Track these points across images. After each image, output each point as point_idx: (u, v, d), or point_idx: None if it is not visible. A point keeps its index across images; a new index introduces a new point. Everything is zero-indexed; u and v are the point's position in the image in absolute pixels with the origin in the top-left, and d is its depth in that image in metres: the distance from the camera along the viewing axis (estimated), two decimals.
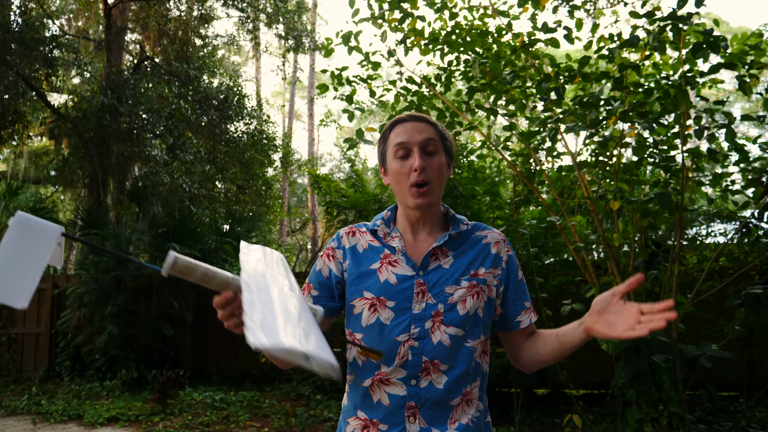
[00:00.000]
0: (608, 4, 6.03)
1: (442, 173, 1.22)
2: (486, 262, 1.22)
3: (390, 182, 1.26)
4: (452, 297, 1.17)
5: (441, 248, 1.22)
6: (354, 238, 1.28)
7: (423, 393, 1.14)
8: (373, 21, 4.10)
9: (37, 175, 12.89)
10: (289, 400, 5.60)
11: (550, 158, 4.45)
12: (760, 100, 4.59)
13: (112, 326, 6.41)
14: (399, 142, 1.21)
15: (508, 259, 1.25)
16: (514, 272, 1.26)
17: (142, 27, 10.60)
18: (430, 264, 1.20)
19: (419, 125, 1.23)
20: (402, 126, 1.23)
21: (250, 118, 10.02)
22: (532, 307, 1.28)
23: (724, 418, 4.50)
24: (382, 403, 1.16)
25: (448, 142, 1.27)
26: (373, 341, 1.17)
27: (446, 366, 1.14)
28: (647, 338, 3.50)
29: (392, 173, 1.23)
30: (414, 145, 1.20)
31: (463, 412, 1.15)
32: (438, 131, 1.25)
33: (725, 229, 5.51)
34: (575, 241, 4.02)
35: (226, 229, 8.30)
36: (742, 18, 51.72)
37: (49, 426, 5.00)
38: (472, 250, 1.23)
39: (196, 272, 0.80)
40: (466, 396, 1.16)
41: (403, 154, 1.21)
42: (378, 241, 1.26)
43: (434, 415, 1.13)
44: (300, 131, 32.87)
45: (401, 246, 1.22)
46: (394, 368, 1.15)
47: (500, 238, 1.27)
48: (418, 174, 1.18)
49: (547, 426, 4.57)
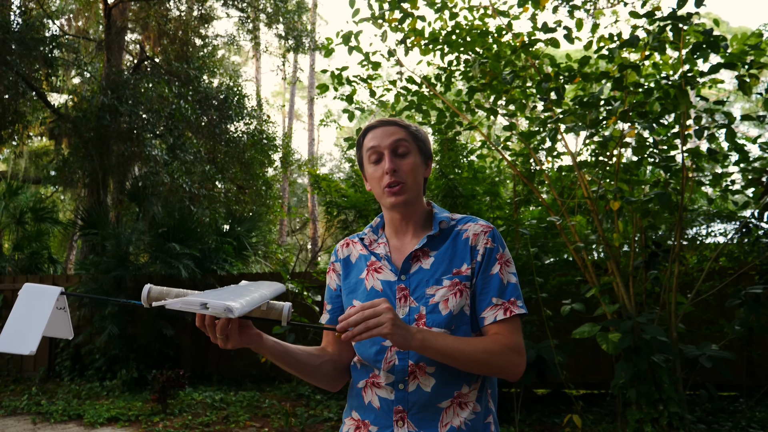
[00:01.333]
0: (608, 4, 6.03)
1: (415, 173, 1.24)
2: (467, 257, 1.20)
3: (369, 187, 1.29)
4: (433, 298, 1.16)
5: (422, 249, 1.22)
6: (347, 249, 1.33)
7: (411, 397, 1.14)
8: (373, 21, 4.10)
9: (37, 175, 12.90)
10: (289, 400, 5.60)
11: (550, 158, 4.45)
12: (760, 100, 4.59)
13: (112, 326, 6.41)
14: (370, 147, 1.25)
15: (484, 252, 1.19)
16: (487, 264, 1.19)
17: (142, 27, 10.60)
18: (411, 267, 1.21)
19: (389, 129, 1.25)
20: (373, 132, 1.26)
21: (250, 118, 10.03)
22: (503, 304, 1.16)
23: (724, 418, 4.50)
24: (373, 406, 1.18)
25: (421, 142, 1.28)
26: (365, 346, 1.21)
27: (433, 368, 1.14)
28: (647, 338, 3.51)
29: (369, 178, 1.28)
30: (384, 148, 1.23)
31: (455, 415, 1.13)
32: (410, 132, 1.26)
33: (725, 229, 5.51)
34: (575, 241, 4.02)
35: (226, 229, 8.30)
36: (742, 18, 51.76)
37: (49, 426, 5.00)
38: (454, 247, 1.22)
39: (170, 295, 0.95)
40: (458, 398, 1.14)
41: (376, 159, 1.25)
42: (366, 249, 1.30)
43: (423, 419, 1.13)
44: (300, 131, 32.91)
45: (385, 252, 1.26)
46: (383, 372, 1.17)
47: (480, 230, 1.22)
48: (390, 176, 1.21)
49: (547, 426, 4.57)
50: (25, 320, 0.85)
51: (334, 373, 1.28)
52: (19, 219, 9.80)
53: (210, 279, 7.00)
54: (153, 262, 6.81)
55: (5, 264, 8.92)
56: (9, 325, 0.84)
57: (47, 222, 10.09)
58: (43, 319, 0.85)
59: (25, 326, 0.84)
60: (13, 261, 9.27)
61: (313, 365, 1.23)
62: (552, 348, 4.08)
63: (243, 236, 8.10)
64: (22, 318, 0.85)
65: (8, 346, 0.83)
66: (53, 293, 0.89)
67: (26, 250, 9.56)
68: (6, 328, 0.84)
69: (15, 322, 0.84)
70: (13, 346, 0.82)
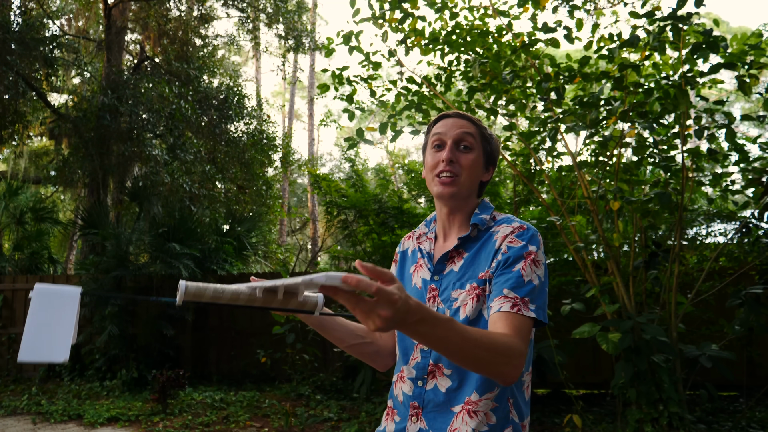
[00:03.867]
0: (608, 4, 6.03)
1: (472, 170, 1.21)
2: (489, 260, 1.15)
3: (425, 175, 1.27)
4: (456, 302, 1.15)
5: (457, 250, 1.20)
6: (409, 242, 1.35)
7: (427, 395, 1.15)
8: (373, 21, 4.10)
9: (37, 175, 12.89)
10: (289, 400, 5.60)
11: (550, 158, 4.45)
12: (760, 100, 4.60)
13: (112, 326, 6.41)
14: (436, 133, 1.23)
15: (507, 250, 1.12)
16: (508, 262, 1.11)
17: (142, 27, 10.60)
18: (445, 268, 1.20)
19: (460, 121, 1.23)
20: (444, 120, 1.25)
21: (250, 118, 10.03)
22: (515, 298, 1.06)
23: (724, 418, 4.50)
24: (398, 398, 1.22)
25: (488, 145, 1.25)
26: (400, 341, 1.25)
27: (450, 371, 1.14)
28: (647, 338, 3.51)
29: (426, 164, 1.26)
30: (449, 138, 1.21)
31: (463, 422, 1.11)
32: (480, 131, 1.24)
33: (725, 229, 5.51)
34: (575, 241, 4.02)
35: (226, 229, 8.29)
36: (742, 18, 51.73)
37: (49, 426, 4.99)
38: (483, 250, 1.17)
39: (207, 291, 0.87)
40: (467, 405, 1.11)
41: (438, 146, 1.23)
42: (417, 244, 1.32)
43: (435, 419, 1.13)
44: (300, 131, 32.90)
45: (428, 249, 1.26)
46: (408, 367, 1.20)
47: (509, 230, 1.15)
48: (445, 164, 1.19)
49: (547, 426, 4.57)
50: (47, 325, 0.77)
51: (376, 356, 1.34)
52: (19, 219, 9.79)
53: (210, 279, 7.00)
54: (153, 262, 6.81)
55: (5, 264, 8.92)
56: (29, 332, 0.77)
57: (47, 222, 10.09)
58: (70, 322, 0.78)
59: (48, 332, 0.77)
60: (13, 261, 9.26)
61: (349, 343, 1.29)
62: (552, 348, 4.08)
63: (243, 236, 8.10)
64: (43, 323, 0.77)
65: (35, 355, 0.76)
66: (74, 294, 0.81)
67: (26, 250, 9.55)
68: (26, 335, 0.77)
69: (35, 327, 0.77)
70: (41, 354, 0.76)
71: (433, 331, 0.89)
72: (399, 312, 0.82)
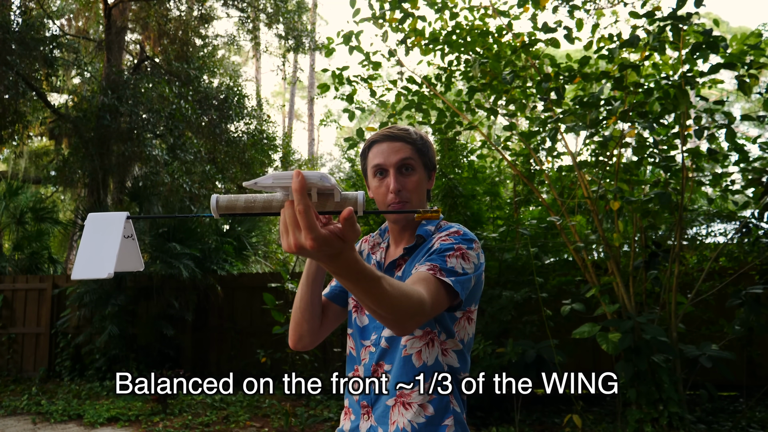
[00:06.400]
0: (608, 4, 6.03)
1: (419, 190, 1.25)
2: (424, 257, 1.16)
3: (372, 196, 1.30)
4: None
5: (404, 258, 1.26)
6: (365, 245, 1.40)
7: (372, 393, 1.20)
8: (374, 21, 4.11)
9: (37, 175, 12.88)
10: (289, 400, 5.60)
11: (550, 158, 4.45)
12: (760, 100, 4.60)
13: (112, 326, 6.41)
14: (375, 164, 1.25)
15: (438, 245, 1.14)
16: (436, 250, 1.12)
17: (142, 27, 10.60)
18: (393, 275, 1.25)
19: (395, 145, 1.24)
20: (378, 146, 1.26)
21: (250, 118, 10.02)
22: (434, 267, 1.06)
23: (724, 418, 4.50)
24: (353, 396, 1.26)
25: (426, 157, 1.28)
26: (355, 340, 1.29)
27: (388, 366, 1.19)
28: (647, 338, 3.51)
29: (372, 190, 1.29)
30: (390, 166, 1.23)
31: (399, 414, 1.14)
32: (416, 149, 1.26)
33: (725, 229, 5.51)
34: (575, 241, 4.02)
35: (226, 229, 8.30)
36: (742, 18, 51.72)
37: (49, 426, 5.00)
38: (422, 251, 1.21)
39: (239, 202, 0.85)
40: (400, 398, 1.15)
41: (381, 174, 1.26)
42: (370, 251, 1.37)
43: (381, 415, 1.18)
44: (300, 131, 32.89)
45: (380, 258, 1.31)
46: (360, 367, 1.25)
47: (445, 234, 1.17)
48: (395, 196, 1.21)
49: (547, 426, 4.57)
50: (97, 247, 0.85)
51: (308, 334, 1.26)
52: (19, 219, 9.79)
53: (210, 279, 7.01)
54: (153, 262, 6.81)
55: (5, 264, 8.92)
56: (81, 254, 0.85)
57: (47, 222, 10.08)
58: (115, 243, 0.86)
59: (97, 253, 0.84)
60: (13, 261, 9.26)
61: (311, 312, 1.23)
62: (552, 348, 4.08)
63: (243, 236, 8.10)
64: (92, 245, 0.85)
65: (85, 272, 0.83)
66: (120, 219, 0.88)
67: (26, 250, 9.55)
68: (79, 257, 0.84)
69: (86, 250, 0.85)
70: (89, 271, 0.83)
71: (352, 287, 0.81)
72: (325, 256, 0.72)
